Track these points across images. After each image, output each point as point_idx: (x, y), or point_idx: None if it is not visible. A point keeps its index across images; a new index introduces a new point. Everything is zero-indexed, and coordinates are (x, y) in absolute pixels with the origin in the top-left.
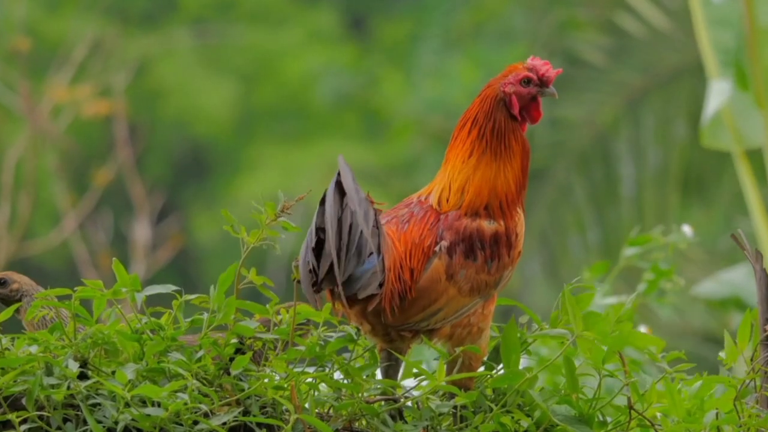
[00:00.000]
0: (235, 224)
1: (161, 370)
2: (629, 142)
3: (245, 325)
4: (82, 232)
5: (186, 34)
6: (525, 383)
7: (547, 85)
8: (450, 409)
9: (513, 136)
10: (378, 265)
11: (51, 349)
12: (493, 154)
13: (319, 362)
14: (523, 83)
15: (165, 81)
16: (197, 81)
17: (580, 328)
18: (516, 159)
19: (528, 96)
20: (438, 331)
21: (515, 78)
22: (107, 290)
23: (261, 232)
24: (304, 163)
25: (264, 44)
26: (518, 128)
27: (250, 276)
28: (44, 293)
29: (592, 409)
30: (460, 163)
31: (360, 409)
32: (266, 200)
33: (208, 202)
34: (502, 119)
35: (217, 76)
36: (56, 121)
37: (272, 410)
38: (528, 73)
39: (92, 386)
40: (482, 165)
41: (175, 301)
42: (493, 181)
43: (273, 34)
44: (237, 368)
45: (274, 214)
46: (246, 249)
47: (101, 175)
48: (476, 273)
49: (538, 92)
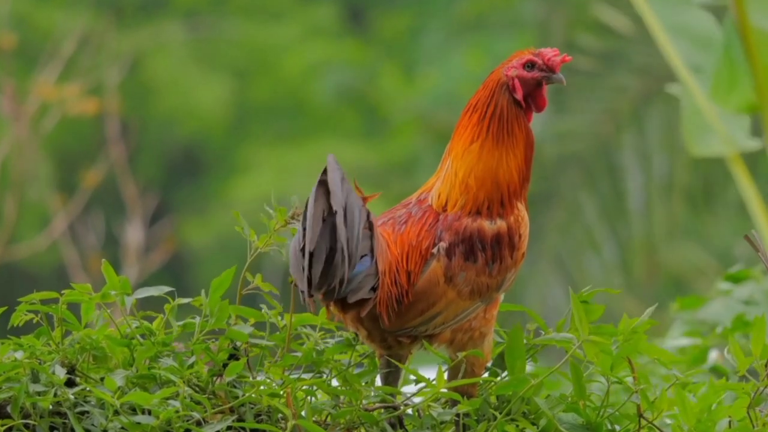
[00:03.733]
0: (245, 226)
1: (152, 376)
2: (635, 151)
3: (239, 330)
4: (71, 235)
5: (179, 28)
6: (530, 390)
7: (553, 71)
8: (452, 417)
9: (516, 123)
10: (371, 267)
11: (37, 355)
12: (495, 141)
13: (317, 368)
14: (527, 67)
15: (157, 77)
16: (190, 77)
17: (586, 332)
18: (519, 147)
19: (532, 81)
20: (438, 336)
21: (519, 62)
22: (96, 293)
23: (269, 236)
24: (301, 163)
25: (259, 39)
26: (522, 115)
27: (255, 281)
28: (30, 297)
29: (600, 417)
30: (461, 151)
31: (359, 417)
32: (276, 204)
33: (201, 203)
34: (505, 104)
35: (210, 73)
36: (42, 120)
37: (267, 418)
38: (533, 57)
39: (80, 393)
40: (484, 153)
41: (167, 305)
42: (495, 169)
43: (269, 28)
44: (231, 374)
45: (284, 220)
46: (253, 253)
47: (91, 175)
48: (477, 275)
49: (543, 78)
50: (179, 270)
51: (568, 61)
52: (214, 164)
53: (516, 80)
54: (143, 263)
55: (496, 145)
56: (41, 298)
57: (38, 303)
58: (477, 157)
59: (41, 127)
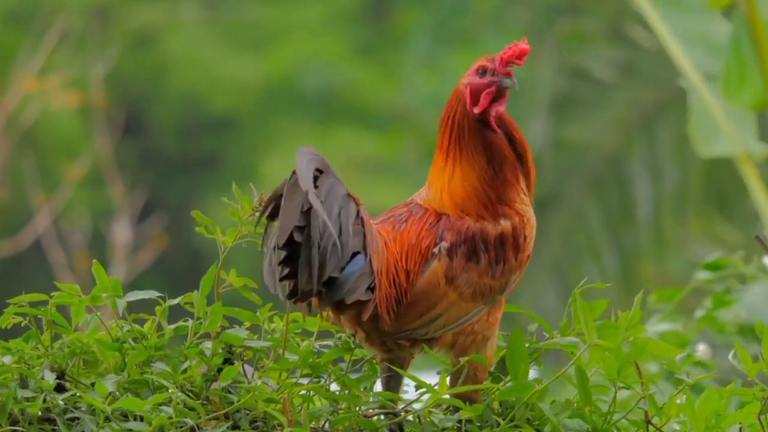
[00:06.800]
0: (210, 225)
1: (144, 381)
2: (644, 161)
3: (234, 333)
4: (57, 233)
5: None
6: (534, 396)
7: (505, 76)
8: (454, 424)
9: (469, 133)
10: (365, 266)
11: (26, 360)
12: (456, 153)
13: (314, 373)
14: (480, 73)
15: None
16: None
17: (593, 336)
18: (476, 157)
19: (482, 87)
20: (439, 339)
21: (473, 69)
22: (85, 296)
23: (238, 229)
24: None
25: (275, 23)
26: (476, 123)
27: (230, 278)
28: (18, 299)
29: (607, 423)
30: (435, 165)
31: (358, 424)
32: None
33: (195, 198)
34: (458, 114)
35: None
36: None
37: (263, 424)
38: (485, 63)
39: (70, 399)
40: (448, 165)
41: (158, 307)
42: (460, 182)
43: (286, 10)
44: (225, 379)
45: (251, 209)
46: (224, 251)
47: (74, 169)
48: (479, 277)
49: (493, 83)
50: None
51: (523, 53)
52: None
53: (468, 88)
54: (131, 262)
55: (453, 158)
56: (30, 300)
57: (26, 305)
58: (441, 169)
59: (21, 120)
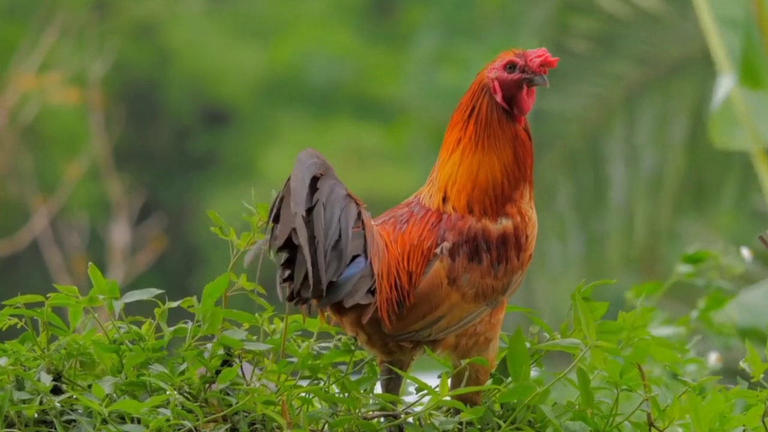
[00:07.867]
0: (225, 226)
1: (141, 383)
2: (623, 141)
3: (232, 335)
4: (54, 235)
5: None
6: (536, 398)
7: (534, 73)
8: (455, 426)
9: (499, 125)
10: (365, 269)
11: (22, 361)
12: (475, 145)
13: (313, 375)
14: (508, 68)
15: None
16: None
17: (594, 338)
18: (505, 149)
19: (512, 82)
20: (441, 341)
21: (500, 63)
22: (83, 297)
23: (252, 235)
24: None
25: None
26: (505, 117)
27: (240, 282)
28: (14, 300)
29: (609, 425)
30: (446, 157)
31: (357, 426)
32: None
33: (194, 200)
34: (485, 107)
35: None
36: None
37: (262, 427)
38: (514, 58)
39: (67, 401)
40: (465, 157)
41: (157, 309)
42: (475, 173)
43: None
44: (224, 381)
45: (266, 216)
46: (236, 254)
47: (72, 168)
48: (481, 277)
49: (523, 80)
50: (169, 271)
51: (553, 63)
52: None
53: (496, 82)
54: (129, 264)
55: (475, 149)
56: (26, 302)
57: (23, 306)
58: (458, 162)
59: (21, 117)
